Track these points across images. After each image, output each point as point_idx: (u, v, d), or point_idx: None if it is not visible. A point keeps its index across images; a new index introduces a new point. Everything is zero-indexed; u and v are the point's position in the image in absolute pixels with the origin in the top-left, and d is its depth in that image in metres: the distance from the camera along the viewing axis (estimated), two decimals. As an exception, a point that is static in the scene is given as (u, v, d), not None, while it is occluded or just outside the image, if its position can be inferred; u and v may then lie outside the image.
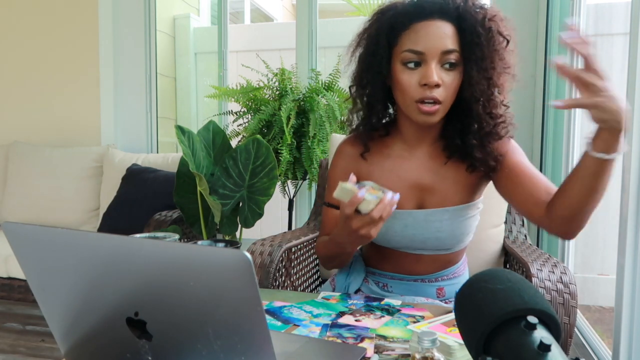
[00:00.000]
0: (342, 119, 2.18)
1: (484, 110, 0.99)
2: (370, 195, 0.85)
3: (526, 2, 2.19)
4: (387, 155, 1.10)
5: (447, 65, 0.95)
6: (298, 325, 0.86)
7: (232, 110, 2.38)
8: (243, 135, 2.32)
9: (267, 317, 0.89)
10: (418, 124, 1.01)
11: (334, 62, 2.32)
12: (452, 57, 0.95)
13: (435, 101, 0.95)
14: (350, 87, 1.09)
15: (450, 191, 1.06)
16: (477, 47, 0.95)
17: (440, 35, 0.94)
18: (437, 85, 0.94)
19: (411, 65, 0.96)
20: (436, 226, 1.05)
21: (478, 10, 0.96)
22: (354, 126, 1.11)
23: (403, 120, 1.07)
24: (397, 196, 0.88)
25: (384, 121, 1.11)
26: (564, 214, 0.90)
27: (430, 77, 0.93)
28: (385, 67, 1.00)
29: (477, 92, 0.97)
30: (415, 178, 1.07)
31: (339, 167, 1.14)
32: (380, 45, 1.00)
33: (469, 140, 1.01)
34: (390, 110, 1.11)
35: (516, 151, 1.05)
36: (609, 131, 0.79)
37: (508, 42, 0.99)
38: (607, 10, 2.64)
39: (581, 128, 1.95)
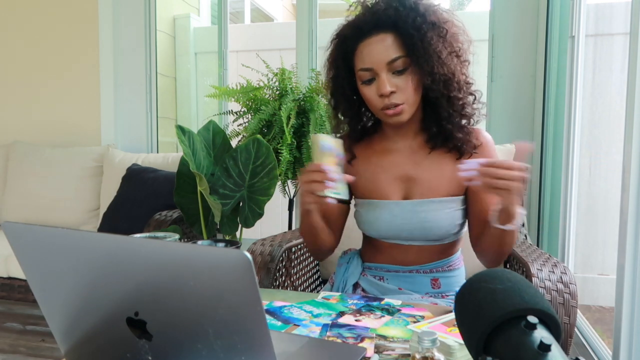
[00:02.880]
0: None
1: (444, 97, 1.07)
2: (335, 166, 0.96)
3: (526, 2, 2.19)
4: (373, 150, 1.18)
5: (397, 72, 1.04)
6: (298, 325, 0.86)
7: (232, 110, 2.38)
8: (243, 135, 2.32)
9: (267, 317, 0.89)
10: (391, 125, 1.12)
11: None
12: (399, 63, 1.04)
13: (396, 105, 1.05)
14: (330, 108, 1.21)
15: (434, 182, 1.11)
16: (415, 47, 1.03)
17: (381, 48, 1.04)
18: (393, 92, 1.04)
19: (367, 81, 1.07)
20: (422, 216, 1.09)
21: (408, 13, 1.04)
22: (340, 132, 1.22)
23: (384, 122, 1.17)
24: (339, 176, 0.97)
25: (370, 123, 1.22)
26: (480, 256, 1.12)
27: (382, 88, 1.04)
28: (349, 87, 1.12)
29: (429, 85, 1.05)
30: (400, 170, 1.14)
31: None
32: (340, 69, 1.12)
33: (444, 126, 1.09)
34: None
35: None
36: (505, 212, 0.95)
37: (447, 30, 1.06)
38: (607, 10, 2.64)
39: (581, 128, 1.95)
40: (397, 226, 1.11)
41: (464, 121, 1.11)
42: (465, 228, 1.17)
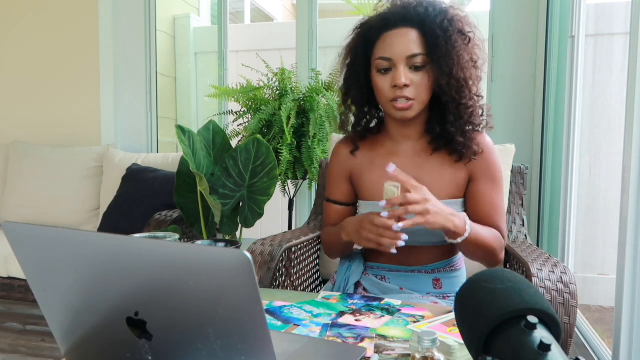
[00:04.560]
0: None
1: (455, 103, 1.08)
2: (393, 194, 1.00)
3: (526, 2, 2.19)
4: (376, 152, 1.20)
5: (414, 67, 1.07)
6: (298, 325, 0.86)
7: (232, 110, 2.38)
8: (243, 135, 2.32)
9: (267, 317, 0.89)
10: (397, 120, 1.13)
11: (334, 62, 2.32)
12: (418, 60, 1.06)
13: (407, 99, 1.07)
14: (340, 93, 1.22)
15: (435, 185, 1.11)
16: (438, 47, 1.06)
17: (405, 41, 1.06)
18: (407, 85, 1.06)
19: (383, 70, 1.09)
20: None
21: (437, 14, 1.07)
22: (346, 129, 1.23)
23: (388, 120, 1.18)
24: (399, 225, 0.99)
25: (374, 122, 1.23)
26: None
27: (398, 79, 1.05)
28: (363, 75, 1.13)
29: (443, 86, 1.07)
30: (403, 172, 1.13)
31: (334, 166, 1.25)
32: (358, 56, 1.13)
33: (448, 129, 1.10)
34: (381, 113, 1.22)
35: (489, 175, 1.14)
36: (443, 230, 1.02)
37: (470, 39, 1.10)
38: (607, 10, 2.64)
39: (581, 128, 1.95)
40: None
41: (468, 127, 1.11)
42: None
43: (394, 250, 0.99)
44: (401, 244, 0.98)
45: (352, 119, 1.21)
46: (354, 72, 1.15)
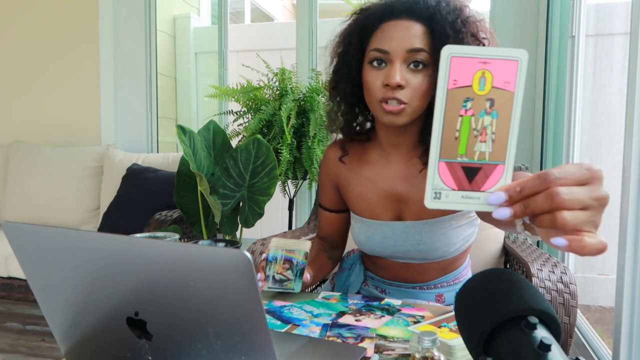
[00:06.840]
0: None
1: None
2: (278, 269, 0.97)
3: (526, 2, 2.19)
4: (365, 161, 1.08)
5: (413, 66, 0.92)
6: (298, 325, 0.86)
7: (232, 110, 2.38)
8: (243, 135, 2.32)
9: (267, 316, 0.89)
10: (385, 125, 1.00)
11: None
12: (419, 57, 0.91)
13: (400, 101, 0.92)
14: (328, 88, 1.07)
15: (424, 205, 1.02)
16: None
17: (407, 34, 0.91)
18: (401, 87, 0.91)
19: (376, 64, 0.94)
20: (415, 239, 1.02)
21: (451, 11, 0.92)
22: (333, 130, 1.10)
23: (379, 126, 1.05)
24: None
25: (365, 127, 1.10)
26: None
27: (392, 78, 0.90)
28: (356, 67, 0.99)
29: None
30: (390, 188, 1.05)
31: (323, 172, 1.17)
32: (352, 45, 0.99)
33: None
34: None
35: None
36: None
37: (484, 45, 0.95)
38: (608, 10, 2.64)
39: (581, 128, 1.95)
40: (389, 247, 1.06)
41: None
42: (471, 241, 1.08)
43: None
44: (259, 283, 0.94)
45: (341, 119, 1.06)
46: (346, 64, 1.00)
